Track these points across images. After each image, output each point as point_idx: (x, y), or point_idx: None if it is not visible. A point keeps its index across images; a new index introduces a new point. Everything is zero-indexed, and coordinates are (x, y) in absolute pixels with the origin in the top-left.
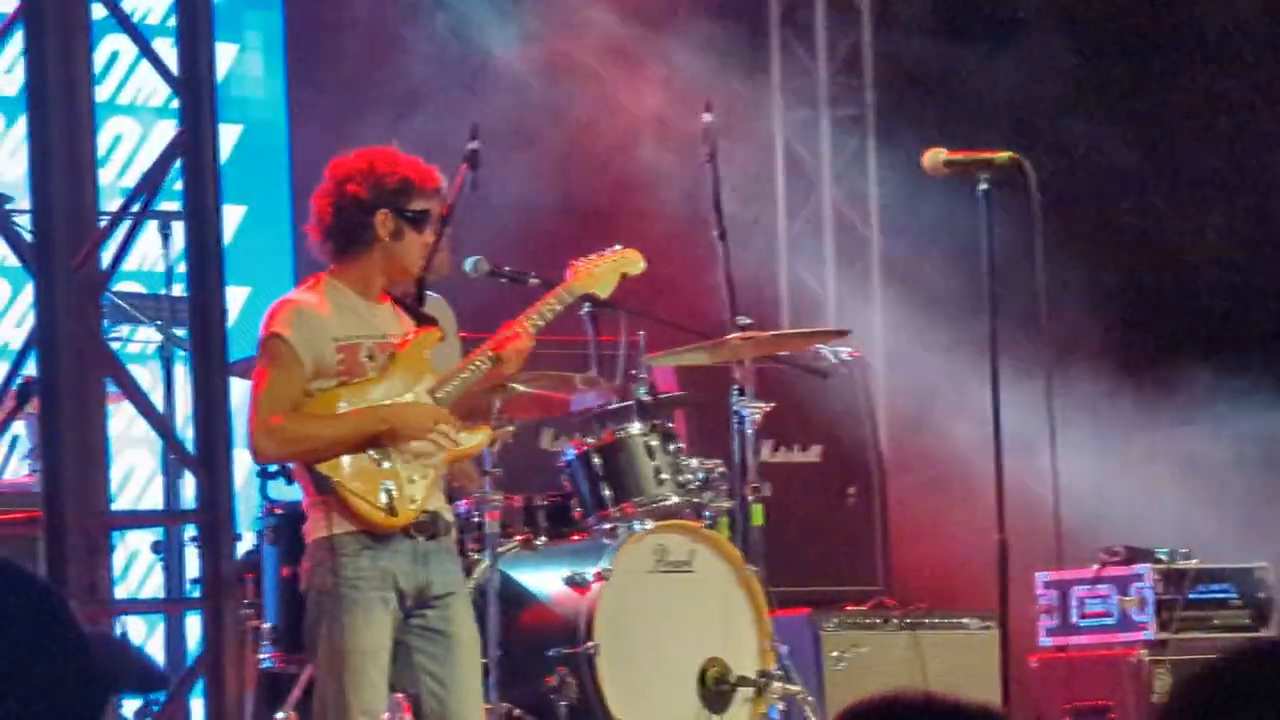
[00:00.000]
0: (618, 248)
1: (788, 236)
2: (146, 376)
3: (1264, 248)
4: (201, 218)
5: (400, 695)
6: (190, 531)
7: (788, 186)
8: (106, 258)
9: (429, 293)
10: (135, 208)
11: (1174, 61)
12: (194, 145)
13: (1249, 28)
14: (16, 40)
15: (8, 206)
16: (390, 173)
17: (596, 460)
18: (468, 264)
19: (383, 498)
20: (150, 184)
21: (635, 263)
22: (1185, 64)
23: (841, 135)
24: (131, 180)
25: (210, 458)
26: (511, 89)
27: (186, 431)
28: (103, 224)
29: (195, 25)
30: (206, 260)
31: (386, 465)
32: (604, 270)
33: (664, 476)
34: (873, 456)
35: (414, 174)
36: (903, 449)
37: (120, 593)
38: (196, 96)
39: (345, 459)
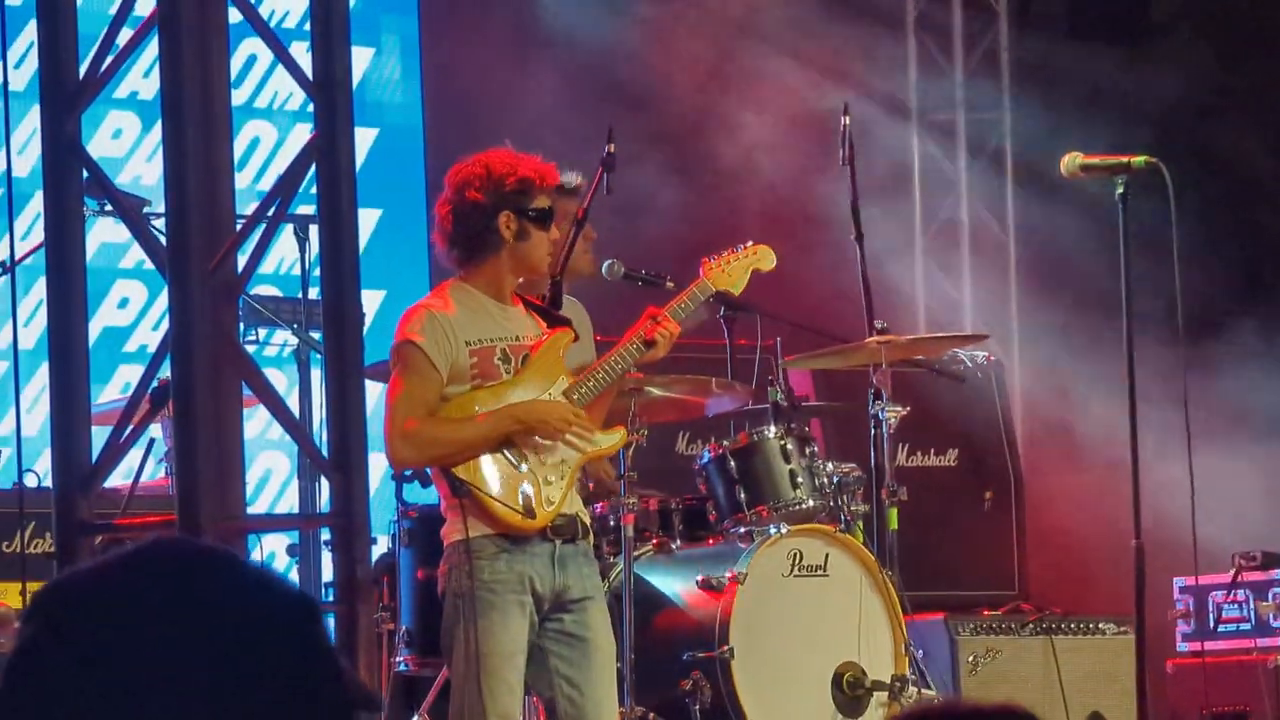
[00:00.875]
0: (749, 244)
1: (924, 239)
2: (282, 380)
3: None
4: (337, 221)
5: (535, 699)
6: (325, 535)
7: (924, 189)
8: (242, 261)
9: (566, 296)
10: (271, 211)
11: None
12: (329, 149)
13: None
14: (154, 44)
15: (145, 210)
16: (508, 174)
17: (732, 463)
18: (603, 266)
19: (520, 500)
20: (286, 187)
21: (767, 258)
22: None
23: (978, 138)
24: (268, 184)
25: (345, 461)
26: (643, 91)
27: (322, 435)
28: (239, 227)
29: (330, 29)
30: (342, 264)
31: (523, 467)
32: (736, 267)
33: (799, 480)
34: (1009, 461)
35: (532, 172)
36: (1039, 453)
37: None
38: (331, 100)
39: (481, 462)
